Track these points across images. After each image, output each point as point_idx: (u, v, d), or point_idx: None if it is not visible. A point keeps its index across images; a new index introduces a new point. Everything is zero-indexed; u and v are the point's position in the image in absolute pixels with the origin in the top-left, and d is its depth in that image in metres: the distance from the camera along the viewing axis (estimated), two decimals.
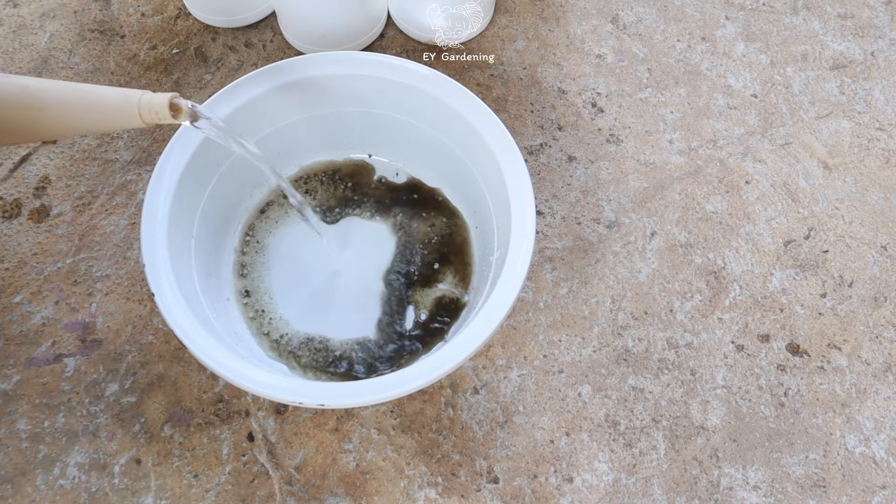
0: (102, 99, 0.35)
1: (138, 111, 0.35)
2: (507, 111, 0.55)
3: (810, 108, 0.57)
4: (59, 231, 0.49)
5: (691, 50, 0.59)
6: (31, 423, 0.43)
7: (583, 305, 0.48)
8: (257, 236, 0.48)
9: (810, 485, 0.44)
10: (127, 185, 0.51)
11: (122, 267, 0.48)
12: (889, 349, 0.48)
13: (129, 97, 0.35)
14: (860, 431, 0.45)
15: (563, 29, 0.59)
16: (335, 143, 0.50)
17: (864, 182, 0.54)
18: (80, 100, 0.34)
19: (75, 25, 0.58)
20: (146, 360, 0.45)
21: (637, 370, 0.46)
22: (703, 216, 0.52)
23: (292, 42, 0.57)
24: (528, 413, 0.45)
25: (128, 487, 0.42)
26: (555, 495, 0.43)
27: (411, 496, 0.42)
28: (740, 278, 0.50)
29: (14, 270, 0.48)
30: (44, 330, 0.46)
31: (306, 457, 0.43)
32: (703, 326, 0.48)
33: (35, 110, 0.34)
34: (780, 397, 0.46)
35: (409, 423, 0.44)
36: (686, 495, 0.43)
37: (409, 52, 0.57)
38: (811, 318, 0.49)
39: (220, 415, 0.44)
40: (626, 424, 0.45)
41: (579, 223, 0.51)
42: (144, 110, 0.35)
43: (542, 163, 0.53)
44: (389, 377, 0.36)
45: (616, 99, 0.56)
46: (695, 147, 0.55)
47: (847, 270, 0.50)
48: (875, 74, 0.58)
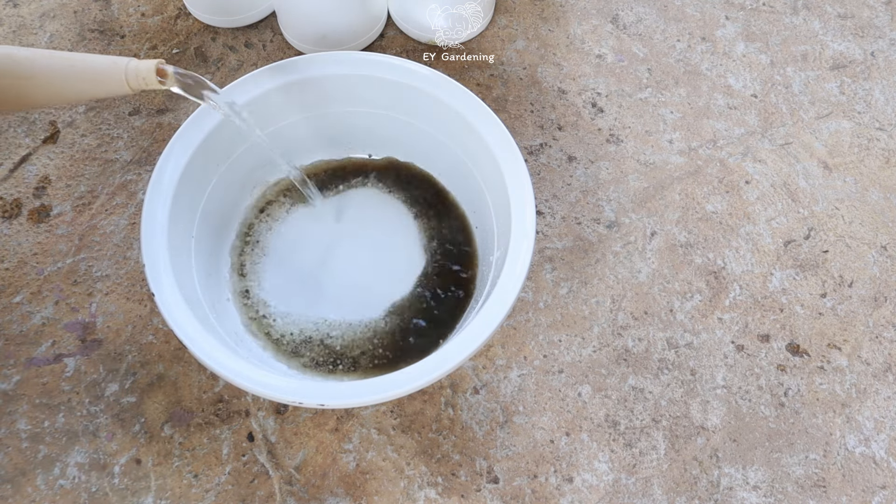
0: (90, 66, 0.35)
1: (125, 77, 0.35)
2: (507, 111, 0.55)
3: (810, 108, 0.57)
4: (59, 231, 0.49)
5: (691, 50, 0.59)
6: (31, 423, 0.43)
7: (583, 305, 0.48)
8: (257, 236, 0.48)
9: (810, 485, 0.44)
10: (127, 185, 0.51)
11: (122, 267, 0.48)
12: (889, 349, 0.48)
13: (116, 63, 0.35)
14: (860, 431, 0.45)
15: (563, 29, 0.59)
16: (335, 143, 0.50)
17: (864, 182, 0.54)
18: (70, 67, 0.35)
19: (75, 25, 0.58)
20: (146, 360, 0.45)
21: (637, 370, 0.46)
22: (703, 216, 0.52)
23: (292, 42, 0.57)
24: (528, 413, 0.45)
25: (128, 487, 0.42)
26: (555, 495, 0.43)
27: (411, 496, 0.42)
28: (740, 278, 0.50)
29: (14, 270, 0.48)
30: (44, 330, 0.46)
31: (306, 457, 0.43)
32: (703, 326, 0.48)
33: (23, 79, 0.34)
34: (780, 397, 0.46)
35: (409, 423, 0.44)
36: (686, 495, 0.43)
37: (409, 52, 0.57)
38: (811, 318, 0.49)
39: (220, 415, 0.44)
40: (626, 424, 0.45)
41: (579, 223, 0.51)
42: (132, 76, 0.35)
43: (542, 163, 0.53)
44: (389, 377, 0.36)
45: (616, 99, 0.56)
46: (695, 147, 0.55)
47: (847, 270, 0.50)
48: (875, 74, 0.58)
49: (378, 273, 0.47)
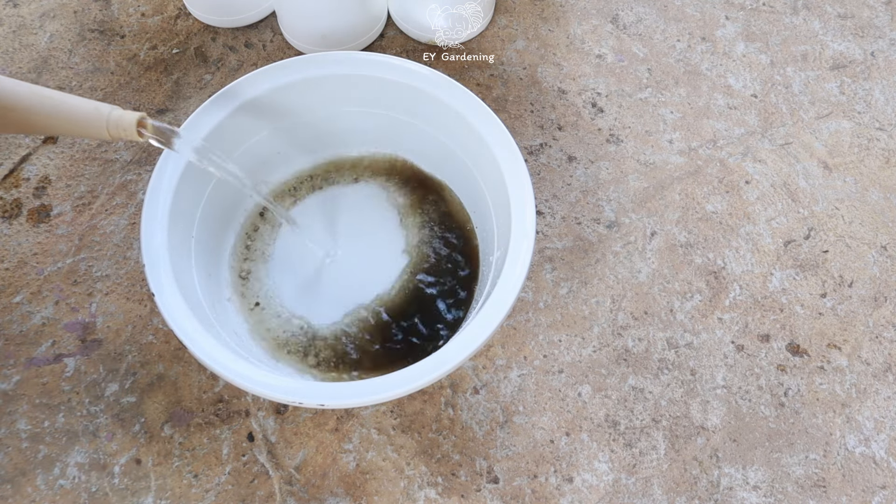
0: (73, 110, 0.36)
1: (106, 126, 0.36)
2: (507, 111, 0.55)
3: (810, 108, 0.57)
4: (59, 231, 0.49)
5: (691, 50, 0.59)
6: (31, 423, 0.43)
7: (583, 305, 0.48)
8: (257, 236, 0.48)
9: (810, 485, 0.44)
10: (127, 185, 0.51)
11: (122, 267, 0.48)
12: (889, 349, 0.48)
13: (99, 111, 0.36)
14: (860, 431, 0.45)
15: (563, 29, 0.59)
16: (335, 143, 0.50)
17: (864, 182, 0.54)
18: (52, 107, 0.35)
19: (75, 25, 0.58)
20: (146, 360, 0.45)
21: (637, 370, 0.46)
22: (703, 216, 0.52)
23: (292, 42, 0.57)
24: (528, 413, 0.45)
25: (128, 487, 0.42)
26: (555, 495, 0.43)
27: (411, 496, 0.42)
28: (740, 278, 0.50)
29: (14, 270, 0.48)
30: (44, 330, 0.46)
31: (306, 457, 0.43)
32: (703, 326, 0.48)
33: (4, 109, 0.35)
34: (780, 397, 0.46)
35: (409, 423, 0.44)
36: (686, 495, 0.43)
37: (409, 52, 0.57)
38: (811, 318, 0.49)
39: (220, 415, 0.44)
40: (626, 424, 0.45)
41: (579, 223, 0.51)
42: (113, 126, 0.36)
43: (542, 163, 0.53)
44: (389, 377, 0.36)
45: (616, 99, 0.56)
46: (695, 147, 0.55)
47: (847, 270, 0.50)
48: (875, 74, 0.58)
49: (377, 272, 0.47)
